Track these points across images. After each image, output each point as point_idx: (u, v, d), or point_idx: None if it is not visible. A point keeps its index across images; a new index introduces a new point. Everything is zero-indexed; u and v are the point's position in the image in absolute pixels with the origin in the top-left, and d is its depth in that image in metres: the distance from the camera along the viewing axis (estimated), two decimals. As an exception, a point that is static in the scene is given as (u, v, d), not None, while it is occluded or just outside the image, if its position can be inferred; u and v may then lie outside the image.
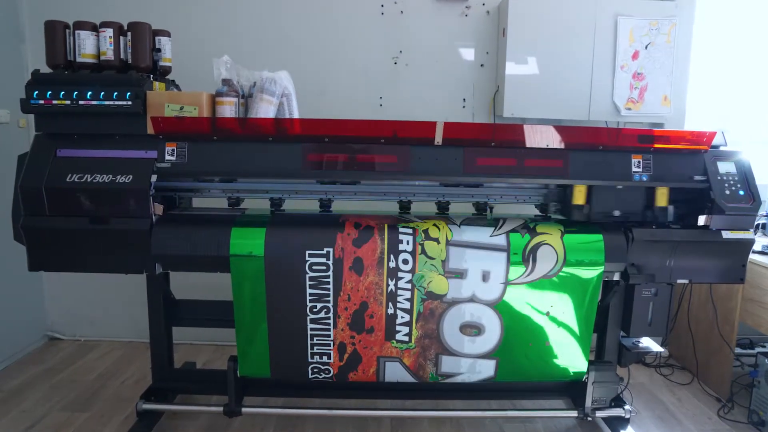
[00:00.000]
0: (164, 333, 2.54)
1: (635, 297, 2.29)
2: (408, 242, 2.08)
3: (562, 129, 2.18)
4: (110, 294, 3.40)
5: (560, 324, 2.22)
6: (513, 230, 2.15)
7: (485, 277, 2.13)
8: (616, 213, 2.21)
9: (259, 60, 2.60)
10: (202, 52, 2.63)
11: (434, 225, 2.12)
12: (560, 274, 2.16)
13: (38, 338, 3.45)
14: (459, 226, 2.14)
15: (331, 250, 2.09)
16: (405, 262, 2.09)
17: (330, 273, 2.10)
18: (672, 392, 2.99)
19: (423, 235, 2.11)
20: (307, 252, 2.09)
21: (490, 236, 2.14)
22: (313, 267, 2.08)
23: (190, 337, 3.41)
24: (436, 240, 2.10)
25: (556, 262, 2.14)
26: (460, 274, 2.13)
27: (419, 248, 2.10)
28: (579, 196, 2.22)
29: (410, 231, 2.11)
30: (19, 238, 2.13)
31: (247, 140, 2.14)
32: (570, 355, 2.28)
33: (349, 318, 2.15)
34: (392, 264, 2.09)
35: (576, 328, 2.24)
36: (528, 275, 2.15)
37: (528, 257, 2.14)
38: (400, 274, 2.10)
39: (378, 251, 2.09)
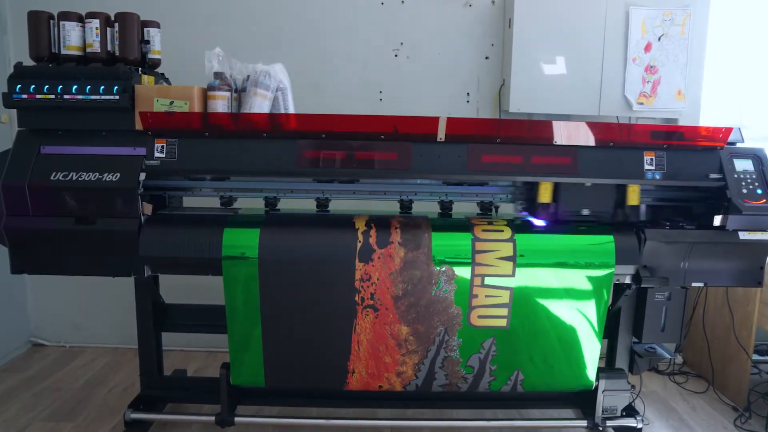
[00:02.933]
0: (153, 339, 2.51)
1: (648, 301, 2.26)
2: None
3: (571, 125, 2.17)
4: (96, 298, 3.34)
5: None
6: None
7: None
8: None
9: (253, 52, 2.57)
10: (193, 44, 2.61)
11: None
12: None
13: (21, 344, 3.39)
14: None
15: None
16: None
17: None
18: (686, 401, 2.95)
19: None
20: None
21: None
22: None
23: (181, 343, 3.36)
24: None
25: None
26: None
27: None
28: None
29: None
30: (1, 239, 2.11)
31: (240, 136, 2.12)
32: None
33: None
34: None
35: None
36: None
37: None
38: None
39: None
